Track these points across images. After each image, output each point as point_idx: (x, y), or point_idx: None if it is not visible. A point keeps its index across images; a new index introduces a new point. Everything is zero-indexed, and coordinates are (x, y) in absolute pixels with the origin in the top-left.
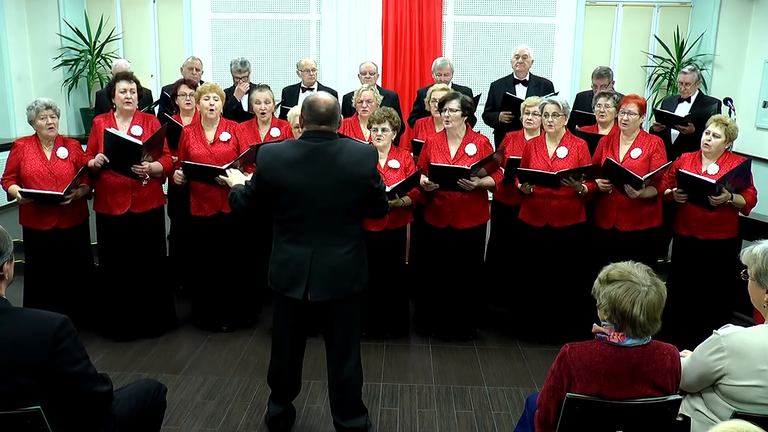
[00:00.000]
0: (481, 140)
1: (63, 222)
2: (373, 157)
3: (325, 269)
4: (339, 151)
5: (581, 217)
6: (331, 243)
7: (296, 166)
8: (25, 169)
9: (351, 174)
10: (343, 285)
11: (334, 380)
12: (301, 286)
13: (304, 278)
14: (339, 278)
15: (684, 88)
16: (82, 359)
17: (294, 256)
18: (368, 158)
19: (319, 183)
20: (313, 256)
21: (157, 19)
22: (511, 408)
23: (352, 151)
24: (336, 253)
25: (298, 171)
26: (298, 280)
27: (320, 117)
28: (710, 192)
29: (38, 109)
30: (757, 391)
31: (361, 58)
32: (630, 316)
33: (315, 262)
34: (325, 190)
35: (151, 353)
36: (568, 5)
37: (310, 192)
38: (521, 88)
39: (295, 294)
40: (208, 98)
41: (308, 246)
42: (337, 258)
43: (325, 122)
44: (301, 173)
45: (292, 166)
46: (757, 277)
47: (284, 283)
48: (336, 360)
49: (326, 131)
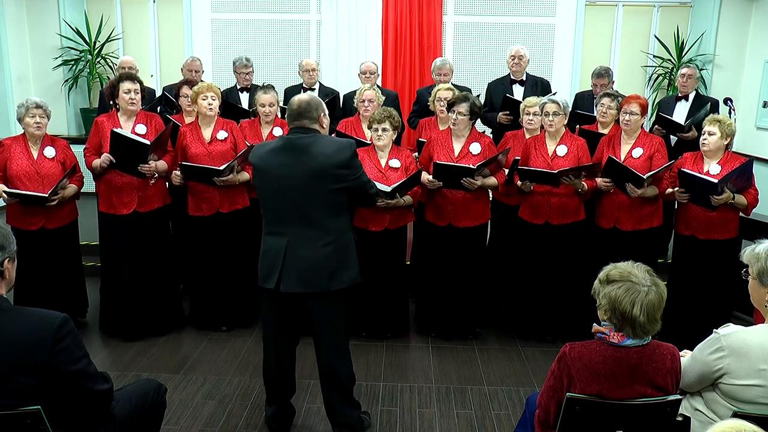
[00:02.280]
0: (486, 140)
1: (50, 222)
2: (347, 149)
3: (298, 261)
4: (312, 143)
5: (580, 215)
6: (307, 235)
7: (273, 156)
8: (11, 168)
9: (322, 164)
10: (317, 279)
11: (321, 376)
12: (275, 277)
13: (277, 269)
14: (313, 271)
15: (684, 80)
16: (82, 358)
17: (271, 247)
18: (342, 150)
19: (294, 173)
20: (287, 247)
21: (157, 19)
22: (511, 408)
23: (326, 143)
24: (311, 245)
25: (273, 161)
26: (272, 271)
27: (292, 114)
28: (712, 192)
29: (28, 107)
30: (757, 391)
31: (361, 58)
32: (630, 316)
33: (289, 252)
34: (297, 180)
35: (151, 353)
36: (568, 5)
37: (284, 182)
38: (518, 88)
39: (269, 284)
40: (206, 98)
41: (284, 237)
42: (311, 250)
43: (297, 118)
44: (276, 163)
45: (270, 155)
46: (759, 276)
47: (263, 275)
48: (320, 357)
49: (300, 126)
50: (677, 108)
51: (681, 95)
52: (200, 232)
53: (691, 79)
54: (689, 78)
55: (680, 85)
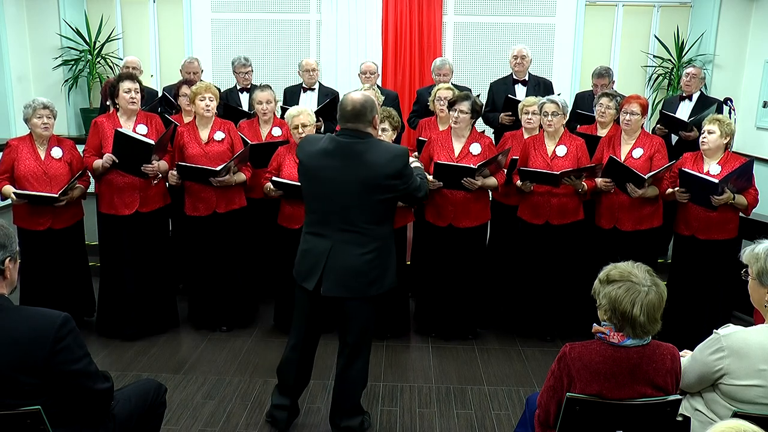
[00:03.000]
0: (486, 140)
1: (57, 222)
2: (401, 158)
3: (340, 266)
4: (366, 151)
5: (579, 215)
6: (351, 241)
7: (325, 158)
8: (18, 169)
9: (376, 174)
10: (358, 285)
11: (340, 377)
12: (315, 278)
13: (318, 270)
14: (354, 277)
15: (688, 80)
16: (83, 357)
17: (314, 247)
18: (396, 159)
19: (344, 179)
20: (331, 251)
21: (157, 19)
22: (511, 408)
23: (380, 151)
24: (354, 252)
25: (326, 163)
26: (313, 272)
27: (345, 115)
28: (713, 192)
29: (35, 108)
30: (757, 391)
31: (361, 58)
32: (630, 316)
33: (332, 256)
34: (349, 187)
35: (151, 353)
36: (568, 5)
37: (334, 187)
38: (520, 88)
39: (308, 285)
40: (203, 99)
41: (328, 240)
42: (353, 257)
43: (351, 120)
44: (328, 166)
45: (323, 157)
46: (759, 277)
47: (302, 273)
48: (345, 357)
49: (353, 129)
50: (680, 108)
51: (685, 95)
52: (197, 232)
53: (695, 78)
54: (693, 77)
55: (684, 85)
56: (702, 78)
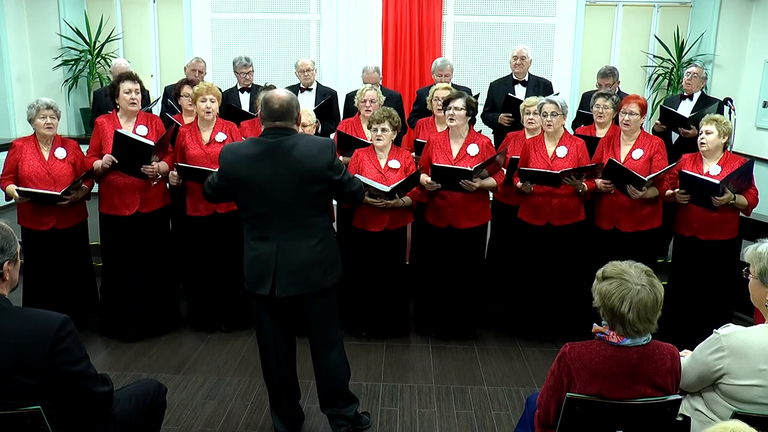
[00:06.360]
0: (484, 141)
1: (61, 222)
2: (329, 149)
3: (292, 264)
4: (294, 146)
5: (580, 216)
6: (298, 236)
7: (254, 163)
8: (23, 169)
9: (308, 167)
10: (313, 278)
11: (318, 372)
12: (268, 283)
13: (270, 274)
14: (309, 272)
15: (689, 78)
16: (82, 359)
17: (261, 253)
18: (324, 150)
19: (278, 178)
20: (278, 252)
21: (157, 19)
22: (511, 408)
23: (308, 144)
24: (304, 246)
25: (256, 167)
26: (265, 277)
27: (274, 113)
28: (714, 192)
29: (39, 108)
30: (757, 391)
31: (361, 58)
32: (618, 312)
33: (280, 257)
34: (285, 184)
35: (151, 353)
36: (568, 5)
37: (269, 188)
38: (520, 88)
39: (262, 290)
40: (204, 100)
41: (273, 242)
42: (304, 251)
43: (280, 118)
44: (259, 170)
45: (251, 163)
46: (761, 276)
47: (254, 281)
48: (317, 353)
49: (281, 127)
50: (681, 107)
51: (686, 94)
52: (198, 232)
53: (696, 78)
54: (695, 77)
55: (685, 84)
56: (703, 78)
